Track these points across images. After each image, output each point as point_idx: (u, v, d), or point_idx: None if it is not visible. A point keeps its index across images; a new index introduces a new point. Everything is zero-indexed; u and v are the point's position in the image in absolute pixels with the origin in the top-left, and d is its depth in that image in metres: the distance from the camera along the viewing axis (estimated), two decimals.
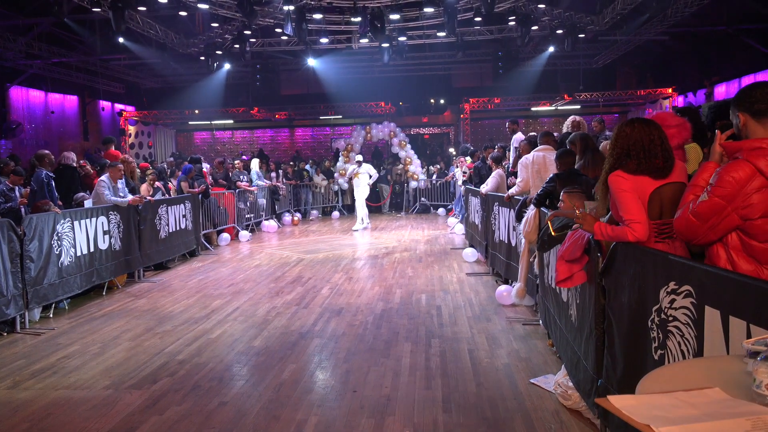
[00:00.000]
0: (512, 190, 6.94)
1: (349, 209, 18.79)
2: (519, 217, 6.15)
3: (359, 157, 15.28)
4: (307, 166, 18.90)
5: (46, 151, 8.60)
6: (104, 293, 7.78)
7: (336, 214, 18.11)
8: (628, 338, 2.87)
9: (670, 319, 2.38)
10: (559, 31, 15.84)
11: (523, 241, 6.06)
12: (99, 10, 12.47)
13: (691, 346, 2.22)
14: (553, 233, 4.04)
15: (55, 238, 6.69)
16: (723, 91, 17.43)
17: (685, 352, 2.26)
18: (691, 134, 3.43)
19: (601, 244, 3.22)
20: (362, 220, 14.49)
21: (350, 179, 15.34)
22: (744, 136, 2.31)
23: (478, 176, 10.67)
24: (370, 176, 14.65)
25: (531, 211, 5.72)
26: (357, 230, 14.10)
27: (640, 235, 2.74)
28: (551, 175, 5.41)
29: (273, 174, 16.58)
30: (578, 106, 21.10)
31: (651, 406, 1.17)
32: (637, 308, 2.73)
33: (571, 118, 6.47)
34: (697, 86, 18.64)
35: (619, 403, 1.18)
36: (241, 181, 13.89)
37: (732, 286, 2.01)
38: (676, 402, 1.19)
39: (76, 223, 7.13)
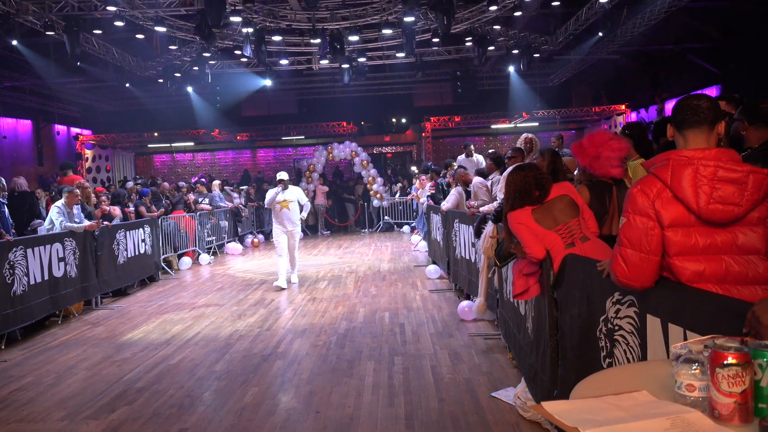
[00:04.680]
0: (494, 204, 6.85)
1: (312, 229, 18.66)
2: (478, 233, 6.26)
3: (283, 175, 9.48)
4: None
5: None
6: (60, 322, 7.56)
7: (300, 234, 17.92)
8: (579, 348, 2.95)
9: (616, 328, 2.47)
10: (515, 51, 16.26)
11: (482, 256, 6.16)
12: (53, 33, 12.28)
13: (636, 354, 2.31)
14: (498, 264, 4.26)
15: (7, 266, 6.50)
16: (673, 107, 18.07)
17: (631, 360, 2.34)
18: (633, 150, 3.57)
19: (552, 257, 3.32)
20: (290, 272, 9.77)
21: (277, 208, 9.47)
22: None
23: (441, 193, 10.80)
24: (301, 206, 9.65)
25: (489, 226, 5.83)
26: (282, 284, 9.31)
27: (538, 255, 3.40)
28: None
29: (235, 195, 16.42)
30: (536, 124, 21.58)
31: (581, 410, 1.23)
32: (587, 319, 2.82)
33: (523, 136, 6.60)
34: (649, 103, 19.31)
35: (552, 408, 1.24)
36: (200, 203, 13.67)
37: (670, 295, 2.10)
38: (605, 405, 1.25)
39: (29, 250, 6.94)
